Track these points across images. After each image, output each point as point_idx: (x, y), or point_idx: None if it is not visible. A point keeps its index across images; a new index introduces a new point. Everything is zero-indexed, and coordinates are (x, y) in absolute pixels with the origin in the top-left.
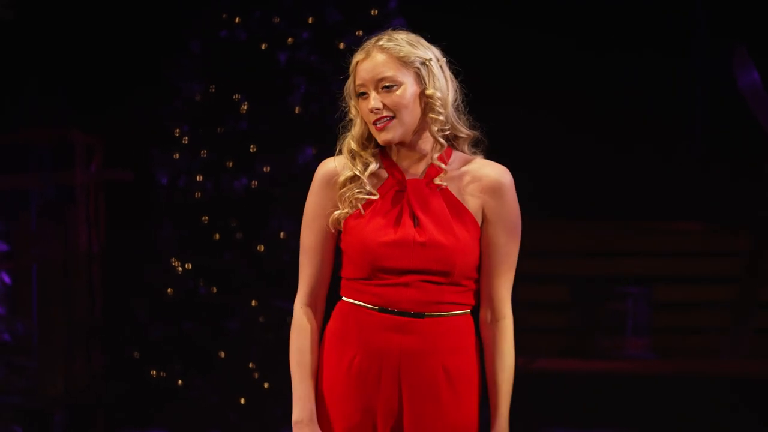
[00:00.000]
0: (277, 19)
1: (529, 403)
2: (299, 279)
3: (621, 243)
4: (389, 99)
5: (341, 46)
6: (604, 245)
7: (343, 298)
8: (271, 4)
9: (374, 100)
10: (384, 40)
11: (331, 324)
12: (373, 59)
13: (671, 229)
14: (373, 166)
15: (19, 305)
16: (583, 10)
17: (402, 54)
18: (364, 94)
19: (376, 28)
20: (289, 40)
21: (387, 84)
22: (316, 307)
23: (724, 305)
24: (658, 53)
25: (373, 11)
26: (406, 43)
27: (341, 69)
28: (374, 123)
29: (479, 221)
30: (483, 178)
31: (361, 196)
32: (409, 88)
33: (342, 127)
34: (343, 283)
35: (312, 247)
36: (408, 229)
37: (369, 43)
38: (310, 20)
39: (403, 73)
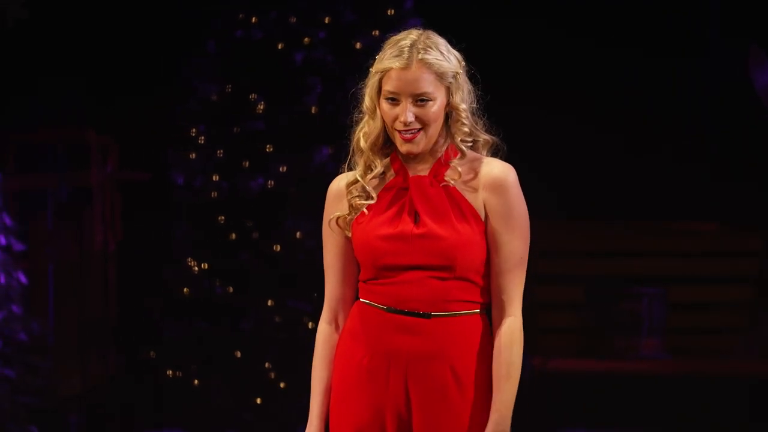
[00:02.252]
0: (294, 19)
1: (543, 402)
2: (324, 296)
3: (636, 243)
4: (422, 112)
5: (357, 46)
6: (620, 245)
7: (359, 299)
8: (287, 4)
9: (408, 113)
10: (423, 52)
11: (347, 323)
12: (414, 73)
13: (686, 230)
14: (378, 170)
15: (35, 305)
16: (598, 10)
17: (442, 70)
18: (394, 99)
19: (392, 28)
20: (306, 40)
21: (423, 98)
22: (338, 323)
23: (739, 306)
24: (673, 54)
25: (389, 11)
26: (442, 55)
27: (357, 69)
28: (400, 132)
29: (483, 217)
30: (485, 176)
31: (360, 201)
32: (439, 101)
33: (353, 122)
34: (359, 285)
35: (330, 265)
36: (407, 224)
37: (405, 49)
38: (326, 20)
39: (438, 87)
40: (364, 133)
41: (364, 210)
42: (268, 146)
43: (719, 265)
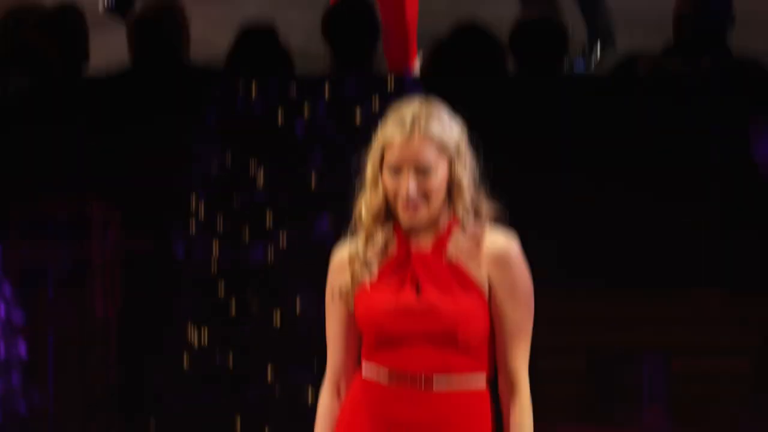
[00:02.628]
0: (294, 90)
1: None
2: (327, 367)
3: (638, 310)
4: (424, 183)
5: (359, 117)
6: (621, 312)
7: (361, 370)
8: (288, 75)
9: (411, 184)
10: (424, 123)
11: (349, 395)
12: (417, 145)
13: (690, 296)
14: (380, 241)
15: (35, 375)
16: None
17: (444, 142)
18: (396, 171)
19: (393, 99)
20: (306, 110)
21: (426, 170)
22: (340, 394)
23: (744, 376)
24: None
25: (391, 82)
26: (445, 126)
27: (359, 140)
28: (402, 203)
29: (485, 290)
30: (488, 249)
31: (362, 272)
32: (441, 172)
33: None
34: (361, 355)
35: (332, 335)
36: (409, 296)
37: (407, 120)
38: (327, 91)
39: (441, 158)
40: (366, 205)
41: (366, 281)
42: (268, 218)
43: (724, 333)
